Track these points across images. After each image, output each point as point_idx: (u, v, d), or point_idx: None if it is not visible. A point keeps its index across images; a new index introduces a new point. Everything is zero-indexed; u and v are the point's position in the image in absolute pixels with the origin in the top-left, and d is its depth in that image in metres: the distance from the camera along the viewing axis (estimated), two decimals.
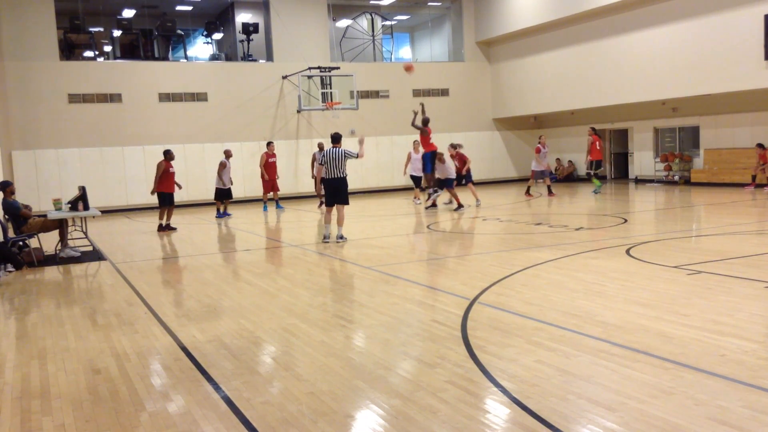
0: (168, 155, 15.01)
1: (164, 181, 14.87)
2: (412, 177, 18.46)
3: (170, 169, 14.99)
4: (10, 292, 8.94)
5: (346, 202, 11.67)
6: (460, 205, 16.02)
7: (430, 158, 16.47)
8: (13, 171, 19.83)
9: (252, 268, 10.09)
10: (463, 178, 17.20)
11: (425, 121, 16.76)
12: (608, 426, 3.72)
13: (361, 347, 5.59)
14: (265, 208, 19.06)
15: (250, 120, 22.96)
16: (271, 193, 18.97)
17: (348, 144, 23.92)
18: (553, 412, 3.93)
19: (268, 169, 18.44)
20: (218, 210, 17.90)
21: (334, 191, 11.53)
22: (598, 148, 18.90)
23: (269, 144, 18.79)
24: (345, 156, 11.39)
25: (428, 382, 4.55)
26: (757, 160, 18.26)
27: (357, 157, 11.49)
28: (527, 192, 19.42)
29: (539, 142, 19.09)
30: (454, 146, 17.60)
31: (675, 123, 21.81)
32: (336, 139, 11.68)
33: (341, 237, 11.66)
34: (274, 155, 18.67)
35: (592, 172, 19.14)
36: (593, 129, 19.11)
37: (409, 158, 18.42)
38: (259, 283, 8.61)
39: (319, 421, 3.98)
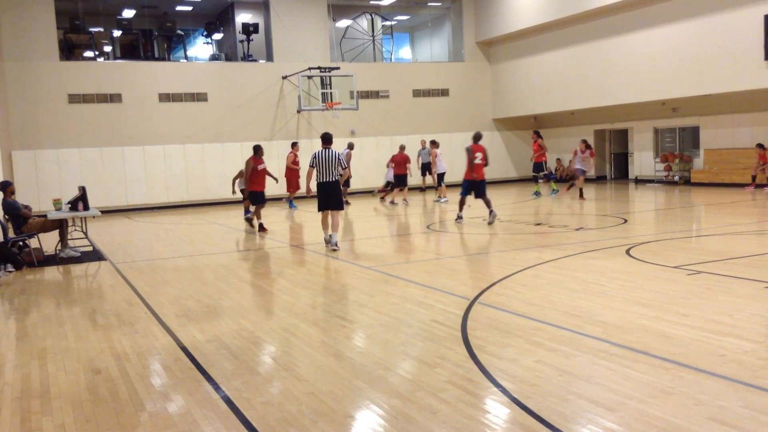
0: (257, 151, 14.14)
1: (254, 179, 13.98)
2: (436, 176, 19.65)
3: (259, 166, 14.00)
4: (10, 292, 8.94)
5: (341, 207, 11.00)
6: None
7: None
8: (13, 171, 19.83)
9: (252, 268, 10.09)
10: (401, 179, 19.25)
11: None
12: (608, 426, 3.72)
13: (361, 347, 5.59)
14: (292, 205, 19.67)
15: (250, 120, 22.97)
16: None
17: (341, 145, 24.00)
18: (553, 412, 3.93)
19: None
20: (248, 209, 16.41)
21: (326, 195, 10.78)
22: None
23: (294, 144, 19.76)
24: (339, 159, 10.70)
25: (428, 382, 4.55)
26: (757, 160, 18.26)
27: (344, 168, 10.92)
28: (581, 195, 17.61)
29: (579, 147, 17.81)
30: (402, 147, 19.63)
31: (675, 123, 21.81)
32: (327, 139, 10.88)
33: (336, 243, 10.90)
34: (292, 155, 19.44)
35: (540, 175, 19.60)
36: (537, 133, 19.61)
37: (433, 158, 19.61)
38: (259, 283, 8.61)
39: (319, 421, 3.98)
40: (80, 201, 11.72)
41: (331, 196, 10.78)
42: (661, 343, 5.14)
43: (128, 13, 24.36)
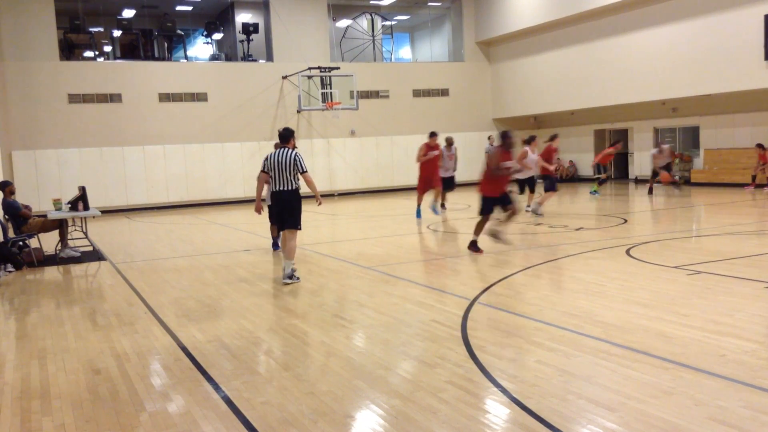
0: (506, 140, 10.51)
1: (493, 179, 10.25)
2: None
3: (504, 164, 10.11)
4: (10, 292, 8.94)
5: (298, 226, 8.34)
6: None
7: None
8: (13, 171, 19.83)
9: (252, 268, 10.09)
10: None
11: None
12: (608, 426, 3.72)
13: (361, 347, 5.59)
14: (418, 214, 14.86)
15: (250, 120, 22.96)
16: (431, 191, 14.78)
17: (342, 146, 23.85)
18: (553, 412, 3.93)
19: (426, 164, 14.43)
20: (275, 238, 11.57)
21: (282, 209, 8.28)
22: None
23: (433, 135, 14.74)
24: (296, 162, 8.09)
25: (428, 382, 4.55)
26: (757, 160, 18.26)
27: (303, 172, 8.12)
28: None
29: None
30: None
31: (675, 123, 21.81)
32: (283, 137, 8.32)
33: (291, 276, 8.33)
34: (437, 146, 14.61)
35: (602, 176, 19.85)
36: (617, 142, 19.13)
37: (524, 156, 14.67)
38: (259, 283, 8.61)
39: (319, 421, 3.98)
40: (80, 201, 11.71)
41: (286, 210, 8.24)
42: (661, 343, 5.13)
43: (128, 13, 24.37)
